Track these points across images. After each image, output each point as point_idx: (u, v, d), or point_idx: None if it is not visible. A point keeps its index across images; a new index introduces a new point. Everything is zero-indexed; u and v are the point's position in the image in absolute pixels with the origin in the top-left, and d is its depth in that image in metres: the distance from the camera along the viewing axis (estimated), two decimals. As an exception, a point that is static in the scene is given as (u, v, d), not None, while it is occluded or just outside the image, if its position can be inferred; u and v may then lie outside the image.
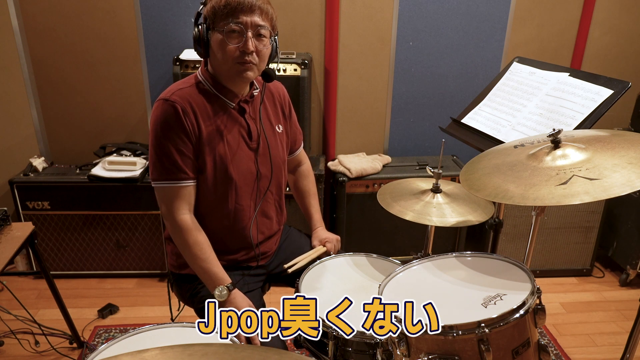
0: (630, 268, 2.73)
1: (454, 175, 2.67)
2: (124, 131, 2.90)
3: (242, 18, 1.36)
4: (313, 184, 1.84)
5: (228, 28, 1.36)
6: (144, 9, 2.66)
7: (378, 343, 1.31)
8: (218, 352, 0.67)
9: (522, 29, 2.88)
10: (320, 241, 1.73)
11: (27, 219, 2.61)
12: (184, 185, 1.42)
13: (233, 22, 1.35)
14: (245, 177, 1.51)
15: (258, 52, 1.40)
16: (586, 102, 1.60)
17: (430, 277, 1.31)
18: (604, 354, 2.30)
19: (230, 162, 1.47)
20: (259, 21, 1.38)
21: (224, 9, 1.36)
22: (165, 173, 1.40)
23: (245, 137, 1.51)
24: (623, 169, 1.12)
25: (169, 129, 1.38)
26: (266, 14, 1.39)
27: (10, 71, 2.68)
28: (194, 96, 1.43)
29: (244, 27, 1.36)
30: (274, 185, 1.60)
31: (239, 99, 1.49)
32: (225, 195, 1.50)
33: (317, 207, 1.82)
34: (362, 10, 2.76)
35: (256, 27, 1.37)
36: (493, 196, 1.23)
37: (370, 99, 2.94)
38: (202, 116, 1.42)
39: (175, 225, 1.43)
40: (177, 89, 1.43)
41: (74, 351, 2.22)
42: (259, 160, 1.54)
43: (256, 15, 1.37)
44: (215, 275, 1.44)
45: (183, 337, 1.33)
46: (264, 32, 1.40)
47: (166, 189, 1.42)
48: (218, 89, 1.46)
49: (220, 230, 1.54)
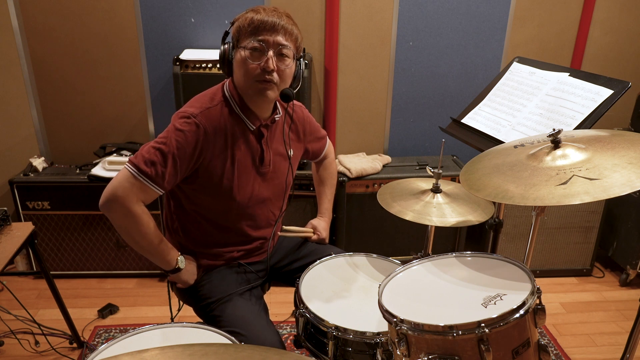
0: (630, 268, 2.73)
1: (454, 175, 2.67)
2: (124, 131, 2.90)
3: (265, 37, 1.37)
4: (331, 175, 1.89)
5: (250, 45, 1.37)
6: (144, 9, 2.66)
7: (378, 343, 1.31)
8: (218, 352, 0.67)
9: (522, 29, 2.88)
10: (312, 227, 1.81)
11: (27, 219, 2.61)
12: (155, 190, 1.39)
13: (255, 40, 1.37)
14: (248, 200, 1.53)
15: (279, 72, 1.40)
16: (586, 102, 1.60)
17: (430, 277, 1.31)
18: (604, 354, 2.30)
19: (235, 185, 1.48)
20: (282, 40, 1.38)
21: (248, 27, 1.38)
22: (150, 172, 1.36)
23: (257, 161, 1.52)
24: (623, 169, 1.12)
25: (183, 148, 1.38)
26: (290, 34, 1.40)
27: (10, 71, 2.68)
28: (219, 118, 1.43)
29: (265, 46, 1.37)
30: (275, 208, 1.64)
31: (260, 122, 1.49)
32: (225, 213, 1.53)
33: (329, 197, 1.88)
34: (362, 10, 2.76)
35: (278, 46, 1.38)
36: (493, 196, 1.23)
37: (370, 98, 2.94)
38: (219, 139, 1.43)
39: (131, 212, 1.38)
40: (206, 108, 1.42)
41: (74, 351, 2.22)
42: (265, 185, 1.56)
43: (280, 34, 1.38)
44: (169, 248, 1.49)
45: (183, 337, 1.33)
46: (286, 52, 1.40)
47: (141, 183, 1.37)
48: (242, 109, 1.47)
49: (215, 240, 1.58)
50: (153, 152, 1.37)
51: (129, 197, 1.36)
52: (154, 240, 1.45)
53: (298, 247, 1.75)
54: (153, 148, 1.38)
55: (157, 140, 1.39)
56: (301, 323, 1.45)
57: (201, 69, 2.49)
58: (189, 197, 1.51)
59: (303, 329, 1.45)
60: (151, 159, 1.36)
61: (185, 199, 1.52)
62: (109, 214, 1.40)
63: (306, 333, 1.45)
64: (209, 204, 1.51)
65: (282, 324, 2.41)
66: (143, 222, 1.41)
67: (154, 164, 1.36)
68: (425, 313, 1.17)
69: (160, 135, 1.40)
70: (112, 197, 1.37)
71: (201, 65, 2.49)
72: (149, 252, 1.47)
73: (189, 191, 1.50)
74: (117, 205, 1.37)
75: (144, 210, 1.41)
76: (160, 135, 1.40)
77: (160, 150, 1.37)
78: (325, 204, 1.88)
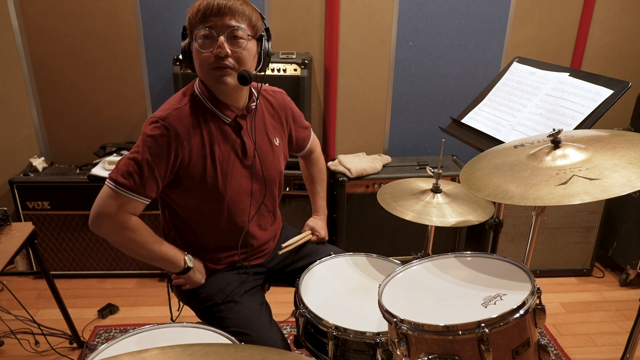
0: (630, 268, 2.73)
1: (454, 175, 2.67)
2: (124, 131, 2.90)
3: (213, 22, 1.31)
4: (320, 171, 1.85)
5: (201, 34, 1.32)
6: (144, 9, 2.66)
7: (378, 343, 1.31)
8: (218, 352, 0.67)
9: (522, 29, 2.88)
10: (310, 228, 1.79)
11: (27, 219, 2.61)
12: (139, 200, 1.37)
13: (204, 27, 1.32)
14: (237, 195, 1.50)
15: (235, 56, 1.34)
16: (586, 102, 1.60)
17: (430, 277, 1.31)
18: (604, 354, 2.30)
19: (220, 182, 1.44)
20: (232, 22, 1.31)
21: (196, 15, 1.33)
22: (129, 184, 1.34)
23: (240, 154, 1.48)
24: (623, 169, 1.12)
25: (156, 153, 1.34)
26: (241, 14, 1.33)
27: (10, 71, 2.68)
28: (189, 117, 1.38)
29: (215, 32, 1.32)
30: (268, 199, 1.59)
31: (235, 113, 1.45)
32: (217, 213, 1.49)
33: (321, 193, 1.84)
34: (362, 10, 2.76)
35: (228, 28, 1.31)
36: (493, 196, 1.23)
37: (370, 99, 2.94)
38: (194, 138, 1.39)
39: (122, 226, 1.37)
40: (174, 109, 1.38)
41: (74, 351, 2.22)
42: (254, 177, 1.52)
43: (227, 17, 1.31)
44: (172, 250, 1.48)
45: (183, 337, 1.33)
46: (240, 34, 1.33)
47: (122, 196, 1.35)
48: (214, 103, 1.42)
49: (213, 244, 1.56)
50: (128, 162, 1.35)
51: (115, 212, 1.34)
52: (154, 246, 1.43)
53: (299, 248, 1.74)
54: (127, 159, 1.36)
55: (132, 151, 1.37)
56: (301, 323, 1.45)
57: (201, 69, 2.49)
58: (178, 203, 1.49)
59: (303, 329, 1.45)
60: (127, 170, 1.34)
61: (176, 205, 1.50)
62: (100, 232, 1.37)
63: (306, 333, 1.45)
64: (199, 206, 1.48)
65: (282, 324, 2.41)
66: (137, 232, 1.39)
67: (130, 174, 1.33)
68: (425, 313, 1.17)
69: (134, 145, 1.38)
70: (98, 216, 1.35)
71: (201, 65, 2.49)
72: (154, 259, 1.45)
73: (177, 197, 1.47)
74: (106, 223, 1.36)
75: (135, 220, 1.38)
76: (134, 146, 1.38)
77: (134, 160, 1.34)
78: (319, 202, 1.85)
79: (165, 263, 1.47)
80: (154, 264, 1.47)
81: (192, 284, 1.54)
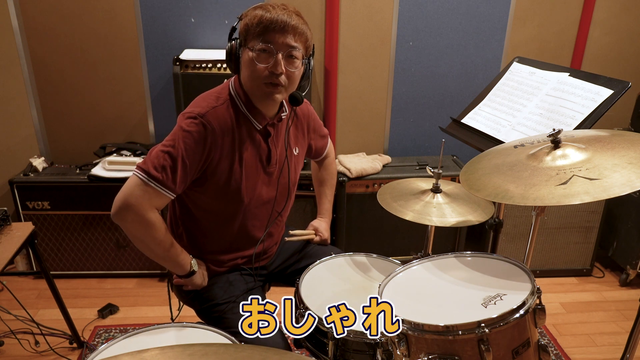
0: (630, 268, 2.73)
1: (454, 175, 2.67)
2: (124, 131, 2.90)
3: (274, 38, 1.32)
4: (331, 175, 1.87)
5: (258, 47, 1.32)
6: (144, 9, 2.66)
7: (378, 343, 1.31)
8: (218, 352, 0.67)
9: (522, 29, 2.88)
10: (314, 229, 1.79)
11: (27, 219, 2.61)
12: (167, 195, 1.36)
13: (264, 42, 1.32)
14: (255, 201, 1.50)
15: (288, 75, 1.36)
16: (586, 102, 1.60)
17: (430, 277, 1.31)
18: (604, 354, 2.30)
19: (244, 186, 1.45)
20: (291, 42, 1.33)
21: (256, 27, 1.32)
22: (161, 177, 1.33)
23: (264, 161, 1.49)
24: (623, 169, 1.12)
25: (192, 150, 1.33)
26: (300, 34, 1.35)
27: (10, 71, 2.68)
28: (226, 117, 1.39)
29: (274, 48, 1.32)
30: (279, 207, 1.60)
31: (266, 121, 1.46)
32: (232, 216, 1.50)
33: (329, 197, 1.86)
34: (362, 10, 2.76)
35: (287, 48, 1.33)
36: (493, 196, 1.23)
37: (370, 98, 2.94)
38: (226, 139, 1.39)
39: (145, 219, 1.34)
40: (212, 107, 1.37)
41: (74, 351, 2.22)
42: (273, 184, 1.53)
43: (289, 36, 1.32)
44: (182, 253, 1.47)
45: (183, 337, 1.33)
46: (295, 54, 1.35)
47: (152, 189, 1.33)
48: (249, 108, 1.43)
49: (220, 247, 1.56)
50: (162, 156, 1.32)
51: (143, 204, 1.32)
52: (167, 246, 1.42)
53: (299, 249, 1.75)
54: (161, 152, 1.33)
55: (165, 144, 1.34)
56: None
57: (201, 69, 2.49)
58: (195, 201, 1.48)
59: (303, 329, 1.45)
60: (161, 164, 1.32)
61: (191, 203, 1.49)
62: (123, 223, 1.34)
63: (306, 333, 1.45)
64: (216, 207, 1.48)
65: (282, 324, 2.41)
66: (157, 229, 1.37)
67: (164, 168, 1.32)
68: (425, 313, 1.17)
69: (167, 137, 1.35)
70: (124, 206, 1.32)
71: (201, 65, 2.49)
72: (163, 259, 1.44)
73: (196, 196, 1.46)
74: (131, 214, 1.32)
75: (158, 217, 1.37)
76: (168, 138, 1.35)
77: (169, 154, 1.32)
78: (326, 205, 1.86)
79: (173, 265, 1.46)
80: (161, 263, 1.47)
81: (193, 287, 1.54)
